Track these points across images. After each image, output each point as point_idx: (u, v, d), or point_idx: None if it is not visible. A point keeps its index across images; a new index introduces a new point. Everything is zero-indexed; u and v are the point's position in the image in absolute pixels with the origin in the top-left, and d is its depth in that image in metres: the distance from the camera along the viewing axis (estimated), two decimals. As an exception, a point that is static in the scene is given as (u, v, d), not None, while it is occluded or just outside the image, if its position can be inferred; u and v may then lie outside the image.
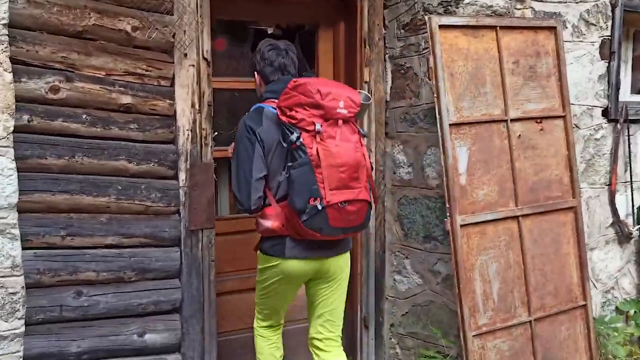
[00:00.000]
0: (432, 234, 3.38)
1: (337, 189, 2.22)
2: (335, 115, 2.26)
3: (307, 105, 2.24)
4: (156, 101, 2.80)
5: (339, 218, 2.26)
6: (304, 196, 2.21)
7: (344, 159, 2.25)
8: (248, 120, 2.38)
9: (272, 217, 2.35)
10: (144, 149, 2.79)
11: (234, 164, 2.37)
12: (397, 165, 3.58)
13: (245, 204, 2.34)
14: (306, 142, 2.23)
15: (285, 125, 2.27)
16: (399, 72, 3.54)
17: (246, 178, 2.30)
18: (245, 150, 2.33)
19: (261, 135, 2.32)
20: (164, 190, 2.85)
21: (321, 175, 2.20)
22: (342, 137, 2.26)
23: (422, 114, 3.41)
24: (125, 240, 2.77)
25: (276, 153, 2.33)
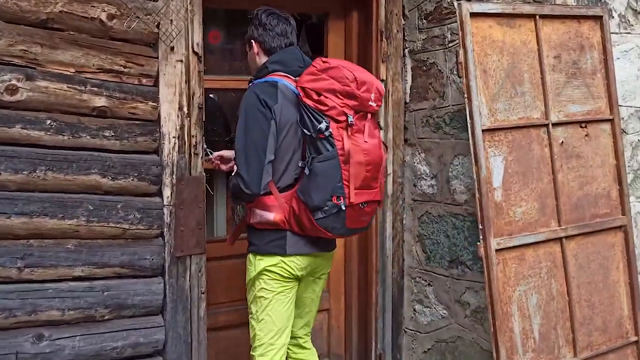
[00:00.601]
0: (460, 257, 2.92)
1: (360, 189, 2.07)
2: (367, 108, 2.11)
3: (340, 94, 2.05)
4: (136, 103, 2.35)
5: (355, 219, 2.12)
6: (325, 193, 2.04)
7: (371, 156, 2.10)
8: (261, 93, 2.10)
9: (274, 208, 2.13)
10: (121, 160, 2.33)
11: (241, 140, 2.08)
12: (418, 177, 3.12)
13: (253, 187, 2.06)
14: (334, 133, 2.04)
15: (309, 110, 2.06)
16: (420, 68, 3.09)
17: (259, 157, 2.05)
18: (259, 125, 2.07)
19: (276, 112, 2.08)
20: (145, 210, 2.39)
21: (347, 173, 2.04)
22: (369, 132, 2.11)
23: (448, 118, 2.95)
24: (97, 271, 2.32)
25: (288, 136, 2.11)
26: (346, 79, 2.03)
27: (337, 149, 2.03)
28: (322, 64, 2.08)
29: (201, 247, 2.55)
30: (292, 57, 2.21)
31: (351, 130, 2.03)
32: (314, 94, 2.04)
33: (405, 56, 3.15)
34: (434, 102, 3.03)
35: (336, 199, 2.03)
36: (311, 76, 2.07)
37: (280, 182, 2.14)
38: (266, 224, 2.15)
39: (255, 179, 2.05)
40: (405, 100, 3.17)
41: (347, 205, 2.04)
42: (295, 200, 2.10)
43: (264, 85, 2.13)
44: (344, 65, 2.09)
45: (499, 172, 2.59)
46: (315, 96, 2.04)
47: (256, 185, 2.06)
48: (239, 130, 2.11)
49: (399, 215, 3.18)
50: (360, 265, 3.21)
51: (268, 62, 2.20)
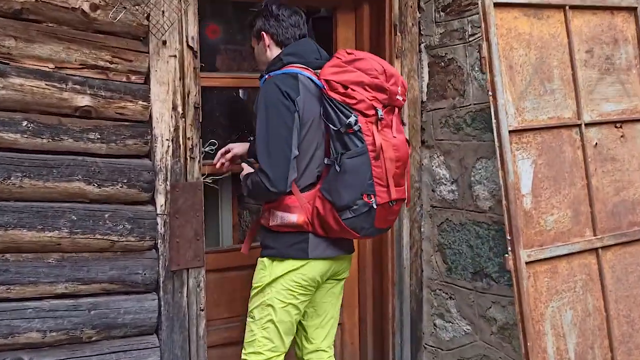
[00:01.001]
0: (484, 269, 2.66)
1: (391, 186, 1.97)
2: (395, 102, 2.02)
3: (369, 86, 1.94)
4: (125, 103, 2.13)
5: (383, 218, 2.01)
6: (355, 192, 1.93)
7: (400, 152, 2.01)
8: (282, 85, 1.96)
9: (296, 209, 2.00)
10: (108, 165, 2.12)
11: (263, 135, 1.94)
12: (437, 182, 2.87)
13: (279, 184, 1.92)
14: (363, 128, 1.93)
15: (335, 104, 1.94)
16: (438, 65, 2.85)
17: (284, 152, 1.92)
18: (282, 118, 1.93)
19: (299, 105, 1.95)
20: (136, 220, 2.17)
21: (379, 169, 1.94)
22: (397, 127, 2.03)
23: (469, 118, 2.71)
24: (82, 288, 2.10)
25: (310, 131, 1.99)
26: (375, 70, 1.94)
27: (367, 144, 1.92)
28: (347, 56, 1.98)
29: (199, 259, 2.33)
30: (307, 48, 2.09)
31: (380, 124, 1.94)
32: (340, 87, 1.93)
33: (422, 52, 2.91)
34: (453, 100, 2.78)
35: (367, 197, 1.92)
36: (336, 68, 1.96)
37: (301, 180, 2.00)
38: (288, 226, 2.00)
39: (281, 176, 1.90)
40: (421, 99, 2.93)
41: (378, 203, 1.93)
42: (320, 199, 1.97)
43: (283, 77, 1.98)
44: (371, 57, 2.00)
45: (527, 177, 2.34)
46: (342, 89, 1.93)
47: (282, 182, 1.91)
48: (259, 125, 1.95)
49: (416, 223, 2.94)
50: (375, 275, 2.98)
51: (282, 54, 2.07)
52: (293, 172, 1.93)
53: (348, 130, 1.91)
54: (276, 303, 2.04)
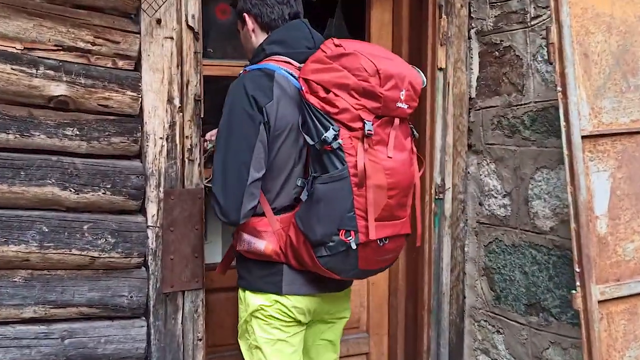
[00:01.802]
0: (542, 302, 2.21)
1: (380, 220, 1.55)
2: (393, 111, 1.57)
3: (355, 91, 1.52)
4: (110, 93, 1.79)
5: (372, 259, 1.60)
6: (329, 225, 1.54)
7: (397, 177, 1.58)
8: (251, 87, 1.57)
9: (267, 235, 1.63)
10: (88, 167, 1.78)
11: (220, 151, 1.59)
12: (485, 194, 2.42)
13: (230, 215, 1.57)
14: (346, 145, 1.52)
15: (313, 111, 1.54)
16: (490, 54, 2.40)
17: (239, 176, 1.55)
18: (242, 132, 1.56)
19: (270, 113, 1.56)
20: (121, 233, 1.82)
21: (363, 199, 1.52)
22: (396, 143, 1.58)
23: (529, 118, 2.25)
24: (55, 312, 1.77)
25: (286, 144, 1.60)
26: (364, 71, 1.50)
27: (349, 166, 1.51)
28: (334, 49, 1.55)
29: (198, 280, 1.96)
30: (297, 34, 1.67)
31: (369, 141, 1.52)
32: (320, 90, 1.53)
33: (471, 38, 2.47)
34: (508, 97, 2.33)
35: (344, 234, 1.53)
36: (318, 64, 1.55)
37: (276, 201, 1.64)
38: (256, 254, 1.64)
39: (233, 205, 1.55)
40: (469, 94, 2.48)
41: (360, 242, 1.53)
42: (294, 228, 1.60)
43: (256, 75, 1.60)
44: (363, 50, 1.54)
45: (603, 195, 1.89)
46: (323, 93, 1.53)
47: (234, 212, 1.56)
48: (218, 137, 1.59)
49: (459, 242, 2.50)
50: (409, 301, 2.57)
51: (265, 43, 1.67)
52: (251, 198, 1.56)
53: (325, 147, 1.50)
54: (262, 343, 1.66)
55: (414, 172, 1.64)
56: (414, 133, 1.69)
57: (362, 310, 2.64)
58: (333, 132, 1.49)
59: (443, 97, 2.42)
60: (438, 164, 2.42)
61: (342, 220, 1.52)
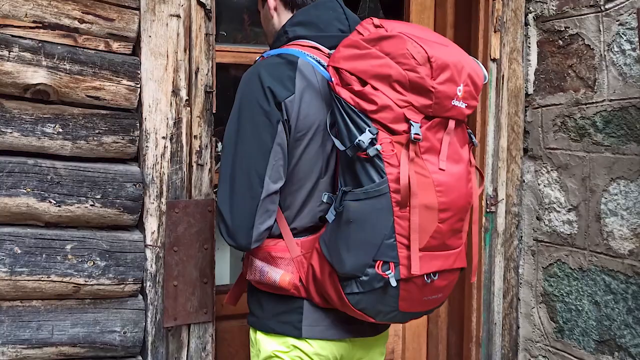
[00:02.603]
0: (618, 339, 1.84)
1: (427, 250, 1.24)
2: (447, 112, 1.26)
3: (400, 84, 1.21)
4: (102, 81, 1.45)
5: (416, 299, 1.28)
6: (363, 254, 1.22)
7: (451, 195, 1.27)
8: (267, 77, 1.27)
9: (283, 263, 1.33)
10: (73, 173, 1.45)
11: (227, 159, 1.29)
12: (545, 207, 2.07)
13: (239, 237, 1.27)
14: (386, 152, 1.22)
15: (346, 108, 1.23)
16: (553, 43, 2.05)
17: (251, 188, 1.26)
18: (256, 133, 1.27)
19: (290, 110, 1.27)
20: (114, 254, 1.49)
21: (406, 223, 1.21)
22: (450, 152, 1.27)
23: (602, 120, 1.90)
24: (30, 353, 1.44)
25: (311, 147, 1.30)
26: (411, 58, 1.20)
27: (389, 179, 1.21)
28: (374, 30, 1.25)
29: (206, 311, 1.62)
30: (327, 15, 1.36)
31: (416, 148, 1.23)
32: (355, 82, 1.23)
33: (529, 25, 2.12)
34: (576, 94, 1.97)
35: (381, 267, 1.22)
36: (352, 50, 1.24)
37: (296, 221, 1.33)
38: (270, 286, 1.33)
39: (243, 225, 1.25)
40: (527, 90, 2.13)
41: (401, 277, 1.23)
42: (317, 255, 1.30)
43: (274, 62, 1.30)
44: (411, 33, 1.24)
45: None
46: (358, 85, 1.23)
47: (244, 234, 1.26)
48: (226, 138, 1.30)
49: (512, 262, 2.14)
50: (453, 331, 2.22)
51: (288, 25, 1.37)
52: (265, 218, 1.27)
53: (360, 154, 1.21)
54: None
55: (472, 189, 1.32)
56: (473, 140, 1.36)
57: (397, 340, 2.29)
58: (370, 135, 1.19)
59: (496, 93, 2.07)
60: (490, 171, 2.08)
61: (379, 249, 1.21)
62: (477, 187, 1.36)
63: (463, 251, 1.34)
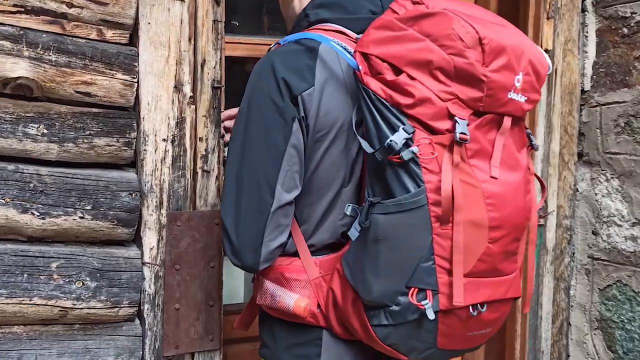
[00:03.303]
0: (693, 379, 1.58)
1: (474, 276, 1.05)
2: (502, 106, 1.06)
3: (444, 72, 1.02)
4: (93, 75, 1.27)
5: (458, 334, 1.09)
6: (393, 279, 1.04)
7: (505, 210, 1.06)
8: (282, 66, 1.09)
9: (298, 286, 1.15)
10: (60, 181, 1.27)
11: (232, 163, 1.12)
12: (603, 220, 1.83)
13: (245, 256, 1.10)
14: (424, 155, 1.02)
15: (375, 101, 1.03)
16: (615, 32, 1.82)
17: (259, 199, 1.08)
18: (267, 132, 1.09)
19: (309, 105, 1.08)
20: (106, 273, 1.31)
21: (448, 242, 1.02)
22: (504, 157, 1.07)
23: (675, 119, 1.63)
24: (8, 386, 1.26)
25: (332, 150, 1.12)
26: (458, 39, 1.01)
27: (427, 189, 1.02)
28: (412, 7, 1.05)
29: (213, 337, 1.43)
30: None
31: (462, 151, 1.03)
32: (387, 70, 1.03)
33: (587, 11, 1.87)
34: (641, 89, 1.72)
35: (416, 295, 1.04)
36: (384, 32, 1.04)
37: (315, 236, 1.16)
38: (283, 313, 1.16)
39: (250, 241, 1.08)
40: (582, 86, 1.89)
41: (441, 309, 1.04)
42: (339, 277, 1.12)
43: (291, 50, 1.12)
44: (457, 10, 1.04)
45: None
46: (391, 74, 1.03)
47: (251, 252, 1.09)
48: (232, 138, 1.13)
49: (563, 282, 1.90)
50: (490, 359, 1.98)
51: (309, 7, 1.18)
52: (276, 234, 1.09)
53: (391, 158, 1.02)
54: None
55: (530, 203, 1.13)
56: (533, 142, 1.17)
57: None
58: (404, 135, 1.00)
59: (548, 90, 1.83)
60: (539, 179, 1.83)
61: (414, 273, 1.03)
62: (536, 200, 1.16)
63: (518, 277, 1.15)
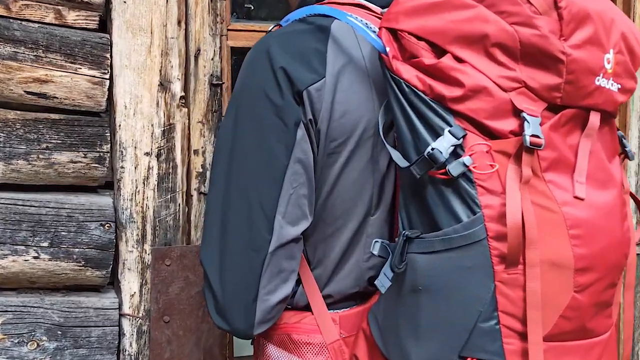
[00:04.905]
0: None
1: (557, 339, 0.75)
2: (586, 98, 0.76)
3: (505, 49, 0.72)
4: (48, 70, 0.98)
5: None
6: (441, 345, 0.75)
7: (597, 244, 0.75)
8: (280, 52, 0.79)
9: (311, 351, 0.85)
10: (6, 210, 1.00)
11: (216, 188, 0.82)
12: None
13: (235, 318, 0.79)
14: (480, 168, 0.72)
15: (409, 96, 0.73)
16: None
17: (252, 236, 0.78)
18: (261, 145, 0.79)
19: (317, 104, 0.78)
20: (70, 330, 1.01)
21: (517, 292, 0.72)
22: (592, 168, 0.77)
23: None
24: None
25: (353, 165, 0.82)
26: (525, 2, 0.74)
27: (486, 218, 0.72)
28: None
29: (215, 408, 1.10)
30: None
31: (534, 162, 0.73)
32: (424, 51, 0.75)
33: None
34: None
35: None
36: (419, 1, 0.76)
37: (332, 283, 0.87)
38: None
39: (240, 296, 0.79)
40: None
41: None
42: (366, 341, 0.84)
43: (293, 31, 0.84)
44: None
45: None
46: (430, 56, 0.74)
47: (242, 311, 0.79)
48: (217, 151, 0.84)
49: (664, 327, 1.50)
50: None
51: None
52: (277, 282, 0.80)
53: (433, 174, 0.74)
54: None
55: (628, 233, 0.81)
56: (627, 148, 0.86)
57: None
58: (452, 140, 0.72)
59: None
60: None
61: (470, 337, 0.74)
62: (633, 227, 0.84)
63: (614, 337, 0.84)
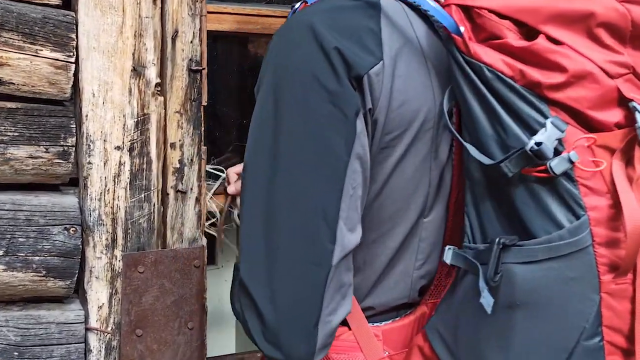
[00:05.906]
0: None
1: None
2: None
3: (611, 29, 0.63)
4: (2, 52, 0.84)
5: None
6: None
7: None
8: (329, 31, 0.64)
9: None
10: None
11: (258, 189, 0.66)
12: None
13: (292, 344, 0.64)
14: (583, 164, 0.63)
15: (492, 83, 0.63)
16: None
17: (314, 248, 0.64)
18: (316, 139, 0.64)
19: (378, 94, 0.65)
20: (28, 351, 0.88)
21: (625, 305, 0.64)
22: None
23: None
24: None
25: (410, 158, 0.70)
26: None
27: (591, 222, 0.63)
28: None
29: None
30: None
31: None
32: (510, 31, 0.64)
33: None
34: None
35: None
36: None
37: (374, 293, 0.76)
38: None
39: (300, 319, 0.65)
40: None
41: None
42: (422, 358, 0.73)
43: (338, 6, 0.69)
44: None
45: None
46: (516, 37, 0.64)
47: (304, 337, 0.65)
48: (251, 147, 0.68)
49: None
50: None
51: None
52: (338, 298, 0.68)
53: (528, 172, 0.64)
54: None
55: None
56: None
57: None
58: (556, 133, 0.62)
59: None
60: None
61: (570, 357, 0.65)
62: None
63: None
